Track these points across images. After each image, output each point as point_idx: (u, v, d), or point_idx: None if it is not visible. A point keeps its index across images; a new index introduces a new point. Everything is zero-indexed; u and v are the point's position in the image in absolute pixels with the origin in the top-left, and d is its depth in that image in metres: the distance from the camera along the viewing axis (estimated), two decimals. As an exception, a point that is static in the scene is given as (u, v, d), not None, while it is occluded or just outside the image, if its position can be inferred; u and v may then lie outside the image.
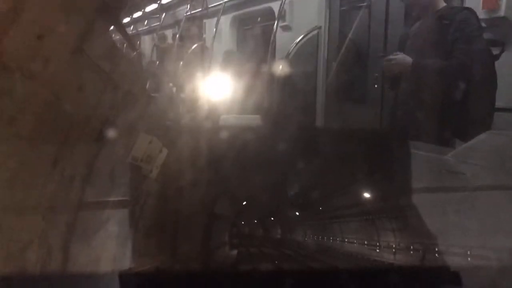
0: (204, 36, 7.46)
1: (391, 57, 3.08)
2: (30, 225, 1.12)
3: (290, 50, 4.89)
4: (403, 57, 3.01)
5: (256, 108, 4.24)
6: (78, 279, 0.86)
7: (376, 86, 4.29)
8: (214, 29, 6.73)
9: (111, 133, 1.54)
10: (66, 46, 1.23)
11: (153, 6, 10.32)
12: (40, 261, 1.09)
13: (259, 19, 6.45)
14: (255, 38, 6.62)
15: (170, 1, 9.14)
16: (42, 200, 1.18)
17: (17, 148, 1.09)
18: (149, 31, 11.38)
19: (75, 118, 1.32)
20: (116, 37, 2.06)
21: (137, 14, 11.89)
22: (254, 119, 4.02)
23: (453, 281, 0.82)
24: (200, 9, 7.62)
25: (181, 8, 8.61)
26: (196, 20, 7.76)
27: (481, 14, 3.09)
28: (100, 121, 1.48)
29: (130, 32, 12.54)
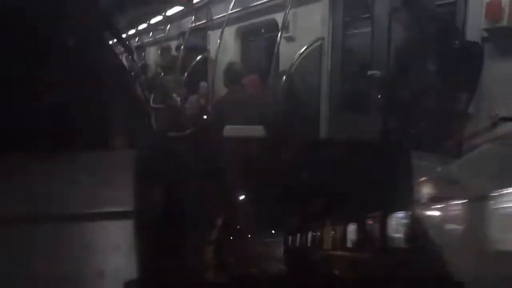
0: (208, 47, 7.52)
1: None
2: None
3: (294, 61, 4.91)
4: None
5: (260, 119, 4.24)
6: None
7: (379, 96, 4.29)
8: (218, 41, 6.78)
9: (113, 142, 1.55)
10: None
11: (158, 18, 10.43)
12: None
13: (263, 30, 6.50)
14: (259, 49, 6.67)
15: (174, 13, 9.24)
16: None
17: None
18: (154, 42, 11.48)
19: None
20: (110, 42, 2.06)
21: (142, 26, 12.02)
22: (258, 130, 4.02)
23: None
24: (205, 21, 7.69)
25: (185, 19, 8.70)
26: (200, 31, 7.84)
27: (484, 23, 3.09)
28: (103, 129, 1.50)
29: (136, 44, 12.65)
